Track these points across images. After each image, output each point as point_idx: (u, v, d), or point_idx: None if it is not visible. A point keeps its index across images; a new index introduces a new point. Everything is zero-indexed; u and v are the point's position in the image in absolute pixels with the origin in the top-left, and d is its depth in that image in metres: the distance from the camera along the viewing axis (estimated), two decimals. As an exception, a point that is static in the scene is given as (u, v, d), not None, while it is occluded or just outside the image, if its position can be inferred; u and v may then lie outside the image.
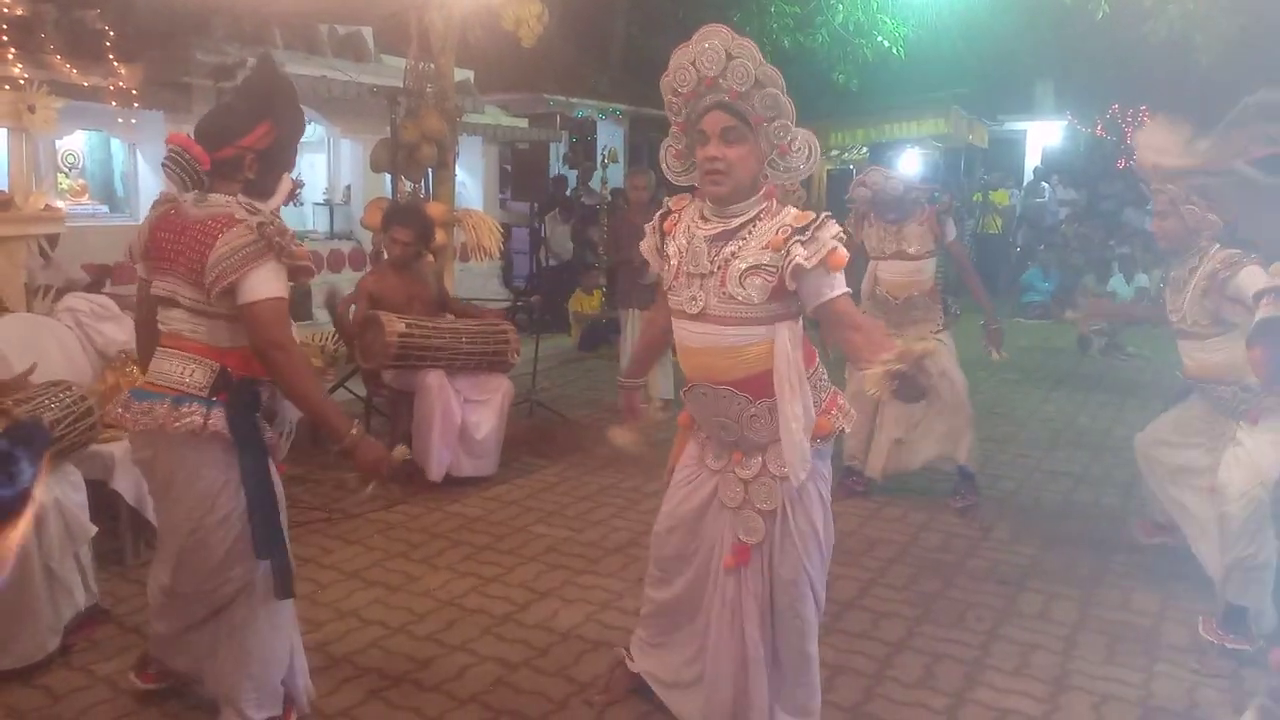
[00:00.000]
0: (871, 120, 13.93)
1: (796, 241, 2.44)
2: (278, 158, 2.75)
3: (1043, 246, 14.53)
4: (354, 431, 2.64)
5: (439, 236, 5.99)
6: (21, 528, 2.84)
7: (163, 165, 2.66)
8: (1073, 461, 6.01)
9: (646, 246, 2.79)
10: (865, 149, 16.14)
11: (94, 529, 3.44)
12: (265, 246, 2.53)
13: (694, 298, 2.56)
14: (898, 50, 13.34)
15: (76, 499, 3.39)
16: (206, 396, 2.61)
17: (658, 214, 2.79)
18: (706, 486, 2.75)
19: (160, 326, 2.73)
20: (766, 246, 2.48)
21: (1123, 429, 6.68)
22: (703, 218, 2.60)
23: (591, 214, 11.64)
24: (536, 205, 11.66)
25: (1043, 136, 19.90)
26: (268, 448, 2.75)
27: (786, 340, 2.51)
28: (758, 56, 2.45)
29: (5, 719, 2.97)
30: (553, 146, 12.64)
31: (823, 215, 2.50)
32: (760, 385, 2.54)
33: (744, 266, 2.49)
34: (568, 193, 12.61)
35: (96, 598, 3.51)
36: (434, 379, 5.09)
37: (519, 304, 8.64)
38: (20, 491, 2.83)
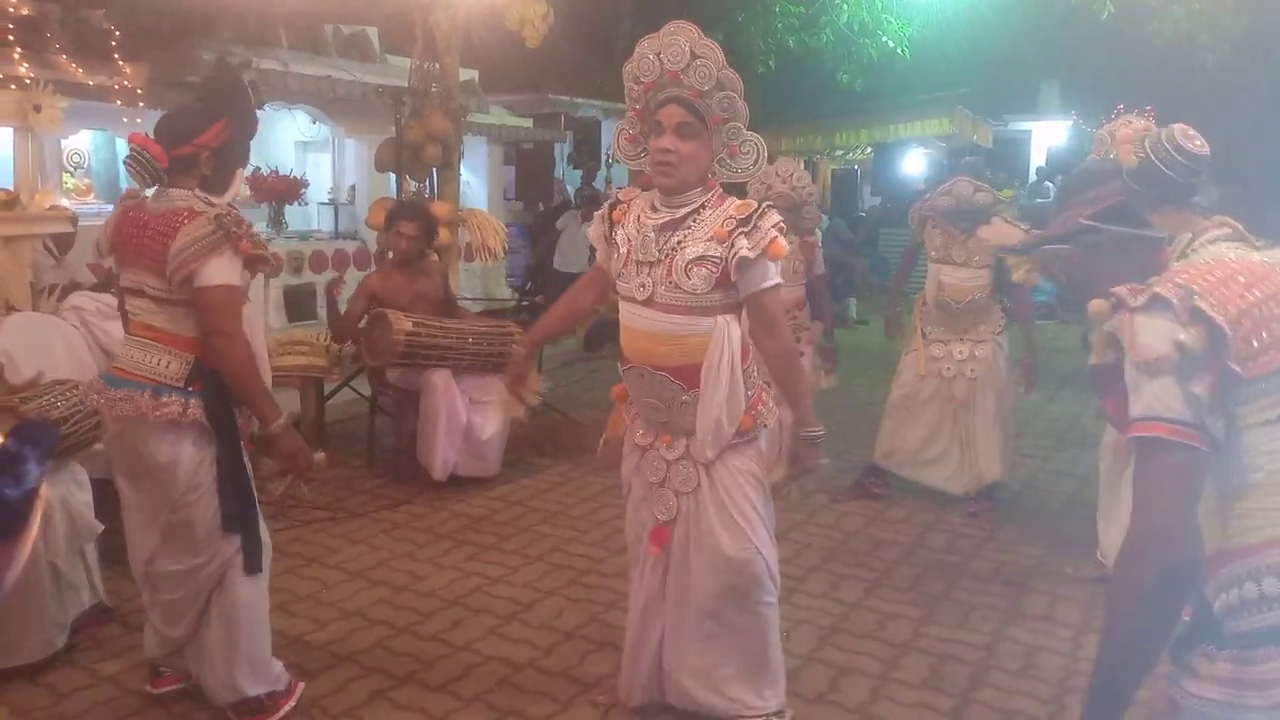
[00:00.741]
0: (876, 120, 13.91)
1: (740, 233, 2.53)
2: (232, 155, 2.88)
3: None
4: (280, 421, 2.77)
5: (443, 236, 5.99)
6: (31, 534, 2.86)
7: (124, 163, 2.80)
8: (1078, 462, 5.99)
9: (594, 234, 2.88)
10: (869, 149, 16.14)
11: (100, 527, 3.44)
12: (223, 236, 2.66)
13: (642, 285, 2.64)
14: (903, 50, 13.31)
15: (82, 497, 3.39)
16: (183, 387, 2.73)
17: (606, 204, 2.88)
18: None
19: (131, 316, 2.85)
20: (711, 238, 2.57)
21: (1128, 430, 6.66)
22: (652, 208, 2.68)
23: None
24: (542, 205, 11.63)
25: (1048, 136, 19.87)
26: (240, 431, 2.86)
27: (725, 331, 2.58)
28: (721, 59, 2.55)
29: (10, 717, 2.97)
30: (557, 146, 12.62)
31: (764, 205, 2.60)
32: (695, 375, 2.61)
33: (690, 257, 2.57)
34: (571, 191, 12.53)
35: (101, 596, 3.51)
36: (439, 379, 5.09)
37: (524, 304, 8.63)
38: (27, 491, 2.84)
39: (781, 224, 2.59)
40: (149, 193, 2.79)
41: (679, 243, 2.60)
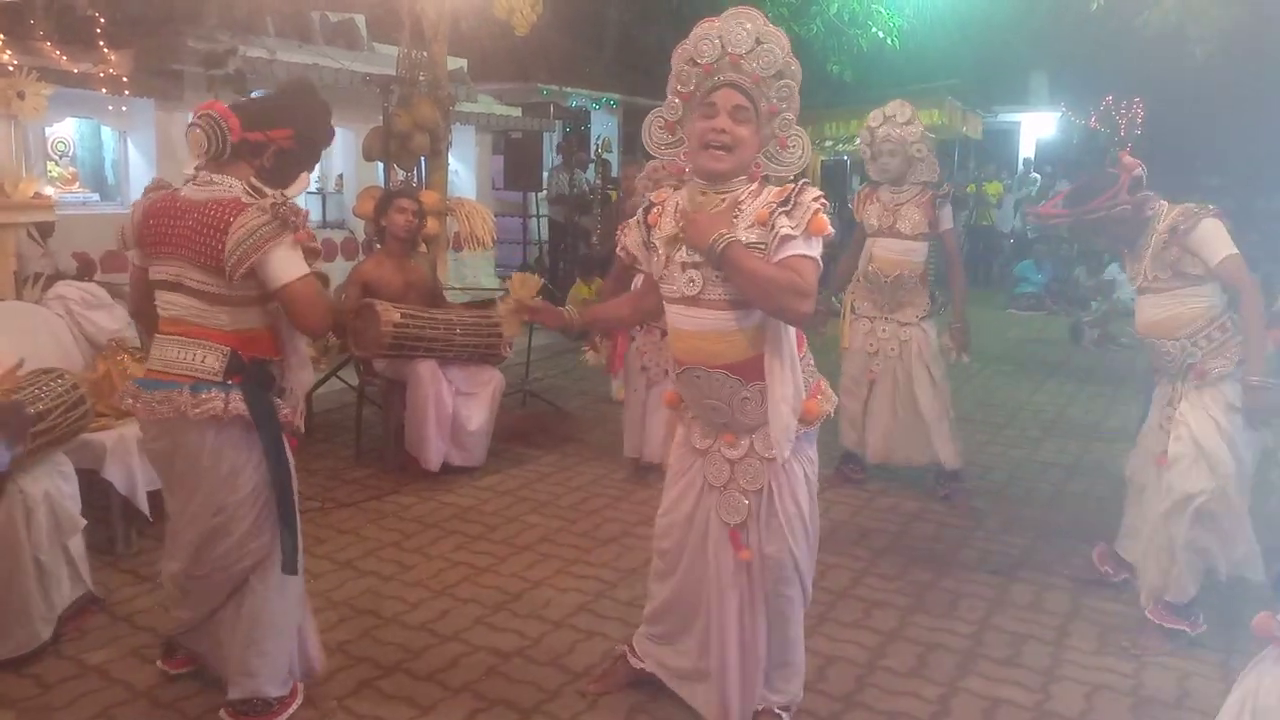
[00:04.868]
0: (866, 111, 13.81)
1: (781, 213, 2.45)
2: (297, 158, 2.88)
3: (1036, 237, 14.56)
4: (348, 311, 3.05)
5: (432, 225, 5.97)
6: None
7: (192, 125, 2.71)
8: (1065, 452, 6.02)
9: (633, 241, 2.79)
10: (859, 140, 16.13)
11: (83, 522, 3.40)
12: (280, 226, 2.61)
13: (690, 280, 2.55)
14: (892, 41, 13.31)
15: (67, 489, 3.36)
16: (222, 381, 2.68)
17: (640, 209, 2.78)
18: (700, 478, 2.76)
19: (160, 312, 2.77)
20: (754, 224, 2.49)
21: (1115, 420, 6.71)
22: (691, 200, 2.59)
23: (585, 203, 11.60)
24: (540, 195, 11.56)
25: (1037, 128, 19.90)
26: (282, 424, 2.83)
27: (779, 324, 2.52)
28: (786, 47, 2.48)
29: (-4, 708, 2.97)
30: (546, 136, 12.56)
31: (801, 182, 2.51)
32: (753, 368, 2.55)
33: None
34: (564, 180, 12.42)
35: (87, 588, 3.49)
36: (426, 369, 5.07)
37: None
38: None
39: (823, 198, 2.48)
40: (190, 176, 2.73)
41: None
